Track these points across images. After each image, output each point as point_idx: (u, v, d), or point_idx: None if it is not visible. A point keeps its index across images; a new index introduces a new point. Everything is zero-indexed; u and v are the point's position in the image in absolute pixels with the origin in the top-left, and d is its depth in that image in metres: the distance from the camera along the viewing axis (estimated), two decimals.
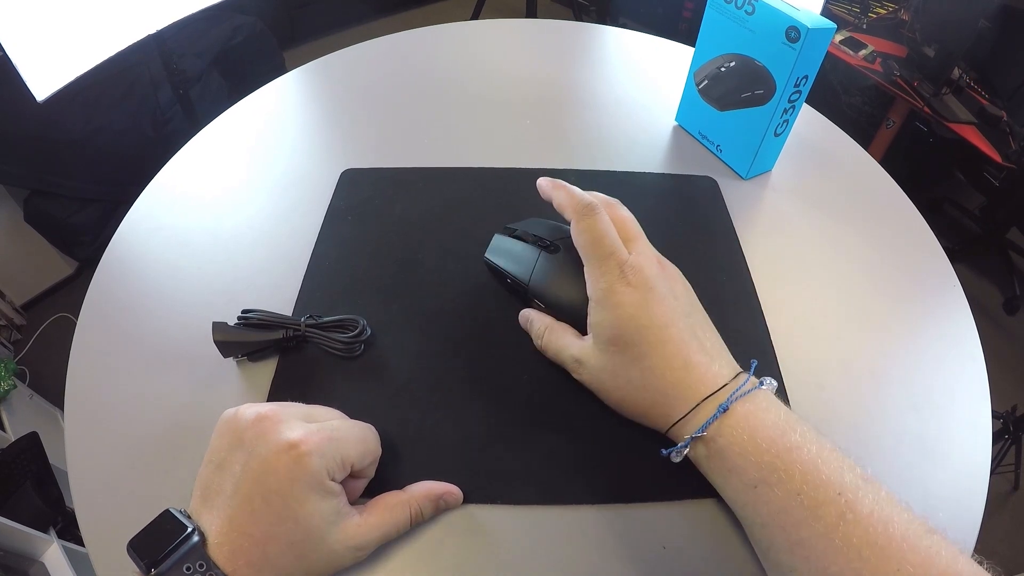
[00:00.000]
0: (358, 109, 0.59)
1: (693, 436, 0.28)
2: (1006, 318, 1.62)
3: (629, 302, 0.30)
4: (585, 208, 0.32)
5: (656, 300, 0.30)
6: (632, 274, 0.30)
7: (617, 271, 0.31)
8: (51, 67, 0.92)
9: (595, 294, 0.31)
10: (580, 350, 0.32)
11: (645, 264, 0.31)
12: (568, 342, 0.33)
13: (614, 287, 0.30)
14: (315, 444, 0.25)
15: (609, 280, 0.31)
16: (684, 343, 0.30)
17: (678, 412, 0.29)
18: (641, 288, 0.30)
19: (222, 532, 0.24)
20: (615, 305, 0.30)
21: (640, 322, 0.30)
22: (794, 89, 0.44)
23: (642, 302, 0.30)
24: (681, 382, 0.29)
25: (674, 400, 0.29)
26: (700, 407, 0.29)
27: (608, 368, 0.31)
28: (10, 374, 1.18)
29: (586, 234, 0.32)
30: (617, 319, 0.30)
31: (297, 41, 2.28)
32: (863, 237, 0.47)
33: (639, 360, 0.30)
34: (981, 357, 0.39)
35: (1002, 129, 1.35)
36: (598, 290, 0.31)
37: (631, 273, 0.31)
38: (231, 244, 0.45)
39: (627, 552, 0.30)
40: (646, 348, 0.30)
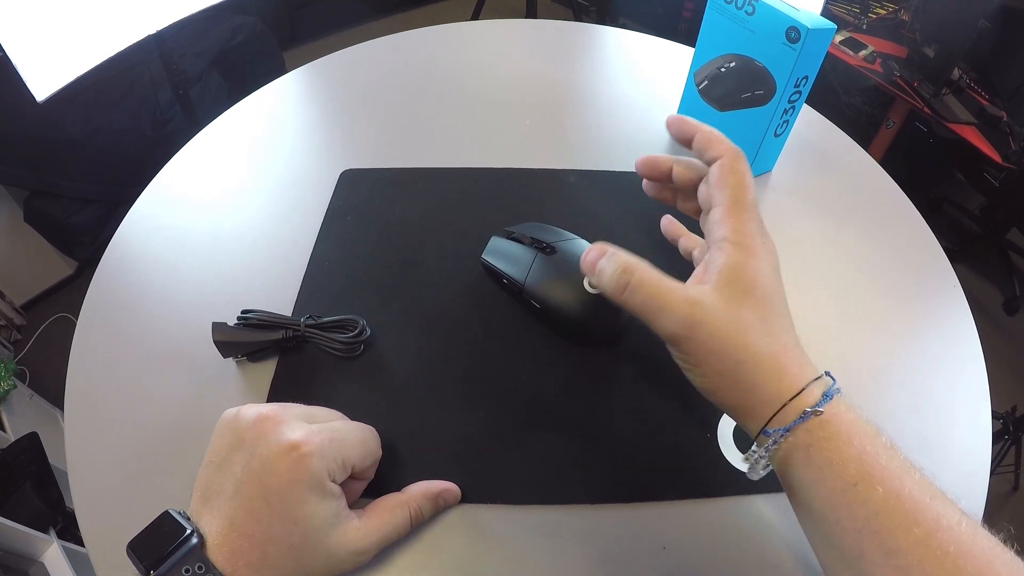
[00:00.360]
0: (358, 109, 0.59)
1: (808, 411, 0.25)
2: (1006, 318, 1.62)
3: (768, 259, 0.28)
4: (740, 153, 0.30)
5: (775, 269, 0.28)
6: (768, 237, 0.29)
7: (760, 224, 0.28)
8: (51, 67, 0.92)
9: (736, 236, 0.28)
10: (701, 292, 0.27)
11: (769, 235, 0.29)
12: (675, 283, 0.27)
13: (762, 240, 0.28)
14: (316, 445, 0.25)
15: (752, 228, 0.28)
16: (791, 326, 0.28)
17: (790, 390, 0.25)
18: (773, 255, 0.28)
19: (222, 533, 0.24)
20: (757, 255, 0.27)
21: (773, 283, 0.27)
22: (794, 89, 0.44)
23: (774, 266, 0.28)
24: (798, 359, 0.26)
25: (789, 377, 0.26)
26: (809, 388, 0.25)
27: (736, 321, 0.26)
28: (10, 374, 1.18)
29: (740, 175, 0.29)
30: (758, 269, 0.27)
31: (297, 41, 2.28)
32: (863, 237, 0.47)
33: (767, 321, 0.26)
34: (981, 357, 0.39)
35: (1002, 129, 1.35)
36: (741, 233, 0.28)
37: (767, 236, 0.29)
38: (231, 244, 0.45)
39: (628, 552, 0.30)
40: (773, 312, 0.27)
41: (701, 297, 0.26)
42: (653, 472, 0.33)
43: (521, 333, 0.38)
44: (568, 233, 0.40)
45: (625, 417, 0.34)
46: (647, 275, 0.27)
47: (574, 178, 0.50)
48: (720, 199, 0.29)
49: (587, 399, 0.35)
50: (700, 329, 0.26)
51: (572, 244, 0.38)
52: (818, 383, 0.26)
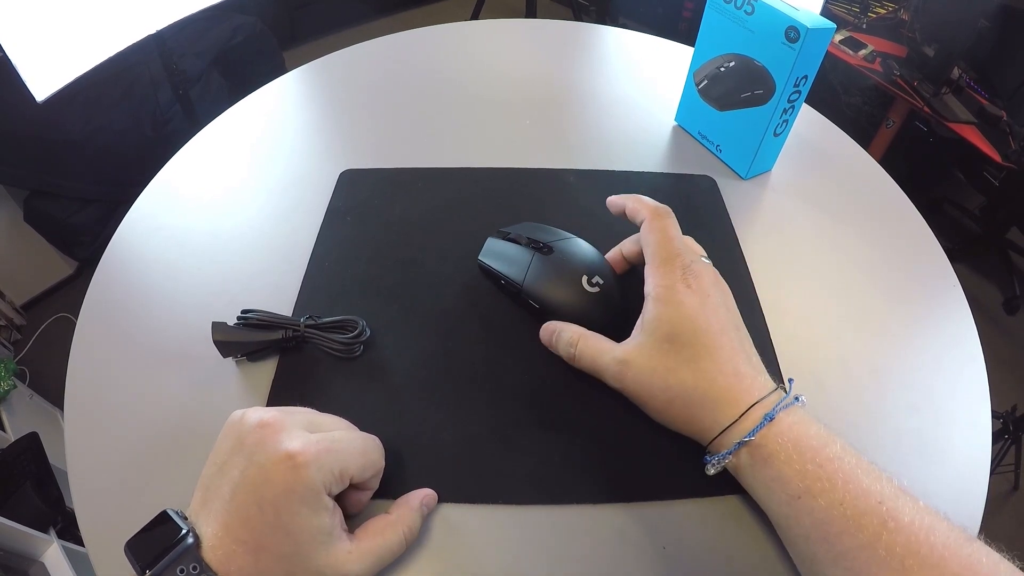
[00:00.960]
0: (358, 109, 0.59)
1: (742, 441, 0.28)
2: (1006, 318, 1.62)
3: (689, 303, 0.31)
4: (661, 210, 0.35)
5: (712, 307, 0.31)
6: (693, 279, 0.31)
7: (680, 272, 0.32)
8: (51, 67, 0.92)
9: (656, 291, 0.32)
10: (625, 351, 0.31)
11: (704, 272, 0.32)
12: (609, 346, 0.33)
13: (676, 286, 0.31)
14: (312, 455, 0.25)
15: (672, 279, 0.31)
16: (735, 351, 0.30)
17: (727, 418, 0.29)
18: (700, 293, 0.31)
19: (216, 536, 0.24)
20: (676, 303, 0.31)
21: (698, 324, 0.30)
22: (794, 89, 0.44)
23: (700, 306, 0.31)
24: (731, 388, 0.29)
25: (723, 406, 0.29)
26: (748, 414, 0.29)
27: (659, 369, 0.30)
28: (10, 374, 1.18)
29: (658, 233, 0.33)
30: (677, 316, 0.30)
31: (297, 41, 2.28)
32: (863, 237, 0.47)
33: (692, 361, 0.30)
34: (981, 357, 0.39)
35: (1002, 129, 1.35)
36: (660, 287, 0.31)
37: (692, 278, 0.31)
38: (231, 244, 0.45)
39: (628, 552, 0.30)
40: (701, 350, 0.30)
41: (626, 355, 0.31)
42: (654, 471, 0.33)
43: (520, 333, 0.38)
44: (564, 232, 0.40)
45: (625, 416, 0.34)
46: (586, 345, 0.33)
47: (574, 178, 0.50)
48: (646, 257, 0.34)
49: (587, 398, 0.35)
50: (628, 381, 0.31)
51: (569, 243, 0.38)
52: (760, 405, 0.29)
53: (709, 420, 0.30)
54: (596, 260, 0.38)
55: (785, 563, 0.30)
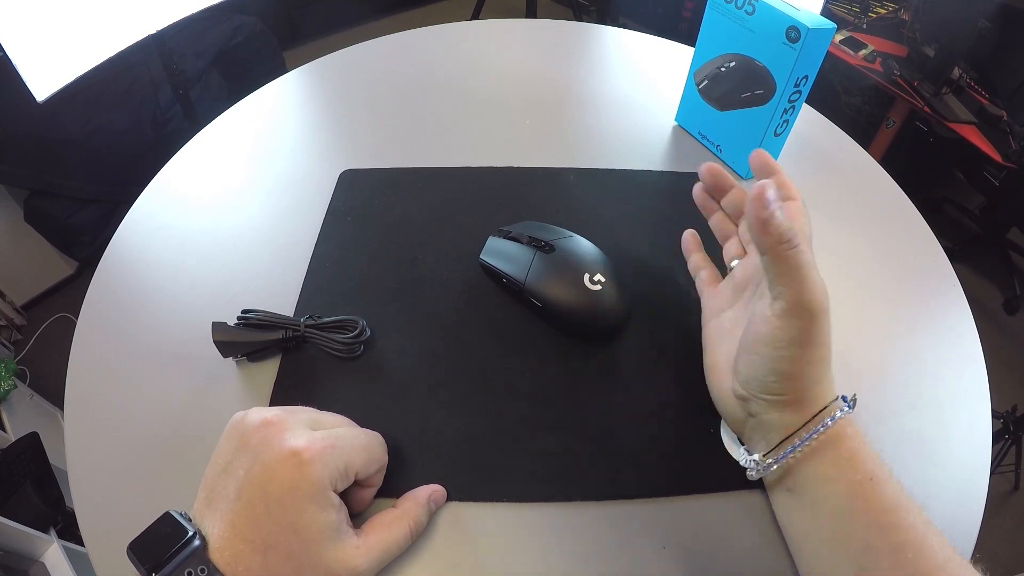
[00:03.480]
0: (358, 109, 0.59)
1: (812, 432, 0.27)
2: (1006, 318, 1.62)
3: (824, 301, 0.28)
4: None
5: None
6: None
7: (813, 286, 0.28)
8: (51, 67, 0.92)
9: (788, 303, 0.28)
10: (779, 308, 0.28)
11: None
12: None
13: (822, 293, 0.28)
14: (317, 452, 0.25)
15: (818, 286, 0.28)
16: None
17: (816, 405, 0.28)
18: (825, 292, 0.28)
19: (223, 536, 0.24)
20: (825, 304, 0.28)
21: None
22: (794, 89, 0.44)
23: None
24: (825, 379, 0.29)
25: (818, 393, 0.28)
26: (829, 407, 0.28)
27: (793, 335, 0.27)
28: (10, 374, 1.18)
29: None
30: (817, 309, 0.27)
31: (297, 41, 2.28)
32: (863, 237, 0.47)
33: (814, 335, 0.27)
34: (981, 357, 0.39)
35: (1002, 129, 1.35)
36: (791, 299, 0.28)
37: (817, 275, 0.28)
38: (231, 244, 0.45)
39: (628, 552, 0.30)
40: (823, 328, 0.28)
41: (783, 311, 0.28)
42: (656, 468, 0.33)
43: (522, 331, 0.38)
44: (565, 231, 0.40)
45: (627, 413, 0.34)
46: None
47: (574, 177, 0.50)
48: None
49: (589, 396, 0.35)
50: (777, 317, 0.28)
51: (570, 242, 0.38)
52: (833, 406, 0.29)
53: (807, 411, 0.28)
54: (598, 258, 0.38)
55: (785, 561, 0.30)
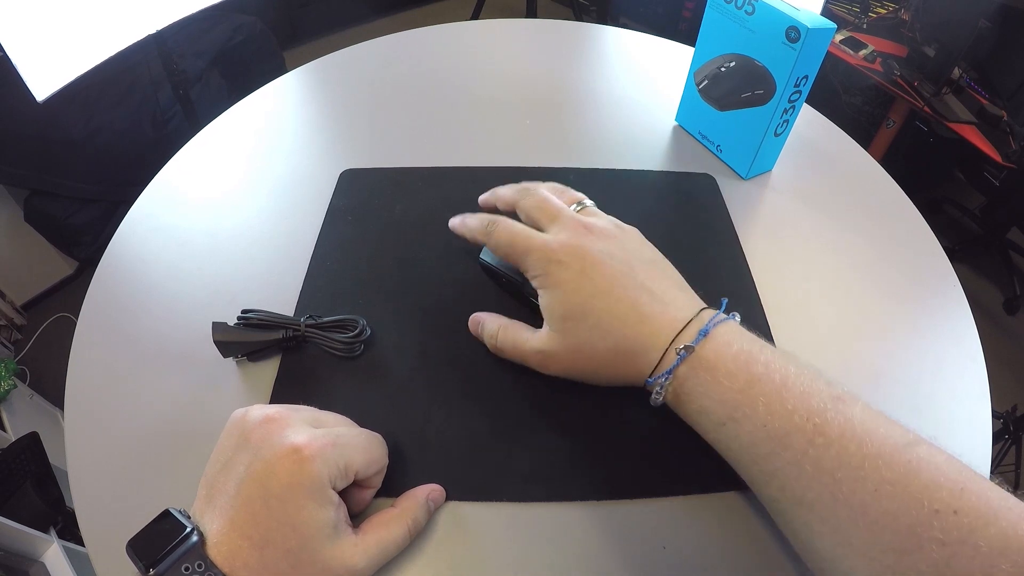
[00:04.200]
0: (358, 109, 0.59)
1: (661, 385, 0.29)
2: (1006, 318, 1.62)
3: (567, 278, 0.31)
4: (487, 228, 0.34)
5: (591, 267, 0.31)
6: (561, 252, 0.31)
7: (544, 256, 0.32)
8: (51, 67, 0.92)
9: (536, 283, 0.32)
10: (540, 341, 0.32)
11: (569, 238, 0.32)
12: (526, 336, 0.33)
13: (548, 270, 0.31)
14: (318, 449, 0.25)
15: (541, 266, 0.32)
16: (632, 299, 0.30)
17: (648, 365, 0.30)
18: (574, 261, 0.31)
19: (222, 532, 0.24)
20: (555, 285, 0.31)
21: (584, 292, 0.30)
22: (794, 89, 0.44)
23: (579, 274, 0.31)
24: (640, 335, 0.30)
25: (641, 355, 0.30)
26: (666, 355, 0.29)
27: (572, 346, 0.31)
28: (10, 374, 1.18)
29: (500, 247, 0.34)
30: (563, 295, 0.31)
31: (297, 41, 2.28)
32: (863, 237, 0.47)
33: (596, 328, 0.30)
34: (981, 357, 0.39)
35: (1002, 129, 1.35)
36: (537, 279, 0.32)
37: (559, 252, 0.31)
38: (231, 244, 0.45)
39: (628, 552, 0.30)
40: (598, 314, 0.30)
41: (541, 345, 0.32)
42: (655, 467, 0.33)
43: None
44: None
45: (626, 412, 0.34)
46: (506, 335, 0.34)
47: (573, 176, 0.50)
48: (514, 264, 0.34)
49: (587, 394, 0.35)
50: (552, 367, 0.32)
51: None
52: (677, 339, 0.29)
53: (635, 372, 0.30)
54: None
55: (784, 560, 0.30)
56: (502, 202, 0.37)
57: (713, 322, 0.29)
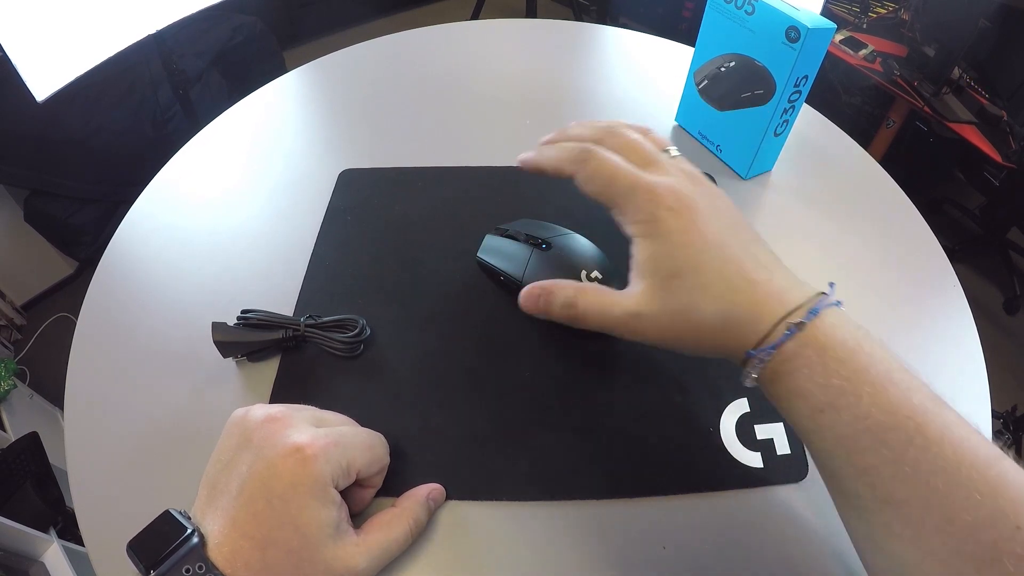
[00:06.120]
0: (357, 109, 0.59)
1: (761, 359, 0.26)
2: (1006, 318, 1.62)
3: (678, 228, 0.27)
4: (580, 155, 0.30)
5: (703, 219, 0.27)
6: (669, 198, 0.27)
7: (650, 199, 0.27)
8: (51, 67, 0.92)
9: (636, 228, 0.28)
10: (635, 301, 0.28)
11: (677, 184, 0.28)
12: (614, 299, 0.29)
13: (656, 215, 0.27)
14: (320, 448, 0.25)
15: (648, 210, 0.27)
16: (741, 261, 0.27)
17: (753, 337, 0.26)
18: (684, 210, 0.27)
19: (223, 532, 0.24)
20: (665, 233, 0.27)
21: (696, 246, 0.27)
22: (794, 89, 0.44)
23: (690, 224, 0.27)
24: (751, 304, 0.26)
25: (748, 326, 0.26)
26: (775, 330, 0.26)
27: (675, 308, 0.27)
28: (10, 374, 1.18)
29: (594, 181, 0.29)
30: (672, 249, 0.27)
31: (297, 41, 2.28)
32: (863, 237, 0.47)
33: (705, 289, 0.27)
34: (981, 357, 0.39)
35: (1002, 129, 1.35)
36: (639, 225, 0.28)
37: (668, 197, 0.27)
38: (231, 244, 0.45)
39: (628, 552, 0.30)
40: (709, 275, 0.27)
41: (637, 307, 0.28)
42: (655, 466, 0.33)
43: (520, 329, 0.38)
44: (561, 228, 0.40)
45: (626, 411, 0.34)
46: (589, 301, 0.29)
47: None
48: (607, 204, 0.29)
49: (587, 394, 0.35)
50: (648, 332, 0.28)
51: (567, 239, 0.39)
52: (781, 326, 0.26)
53: (736, 344, 0.27)
54: (594, 255, 0.38)
55: (785, 560, 0.30)
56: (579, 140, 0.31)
57: (824, 303, 0.26)
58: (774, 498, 0.32)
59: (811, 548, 0.30)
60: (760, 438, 0.34)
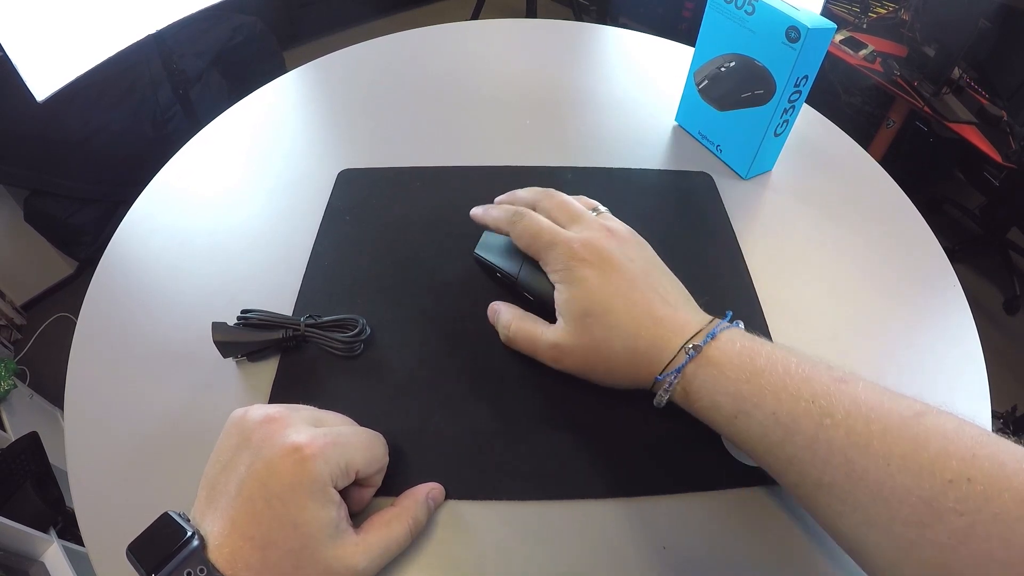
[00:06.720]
0: (357, 109, 0.59)
1: (670, 383, 0.30)
2: (1006, 318, 1.62)
3: (589, 275, 0.32)
4: (512, 217, 0.35)
5: (613, 268, 0.32)
6: (584, 251, 0.32)
7: (568, 253, 0.32)
8: (51, 67, 0.92)
9: (556, 277, 0.33)
10: (556, 335, 0.33)
11: (593, 238, 0.33)
12: (541, 330, 0.34)
13: (570, 266, 0.32)
14: (319, 448, 0.25)
15: (564, 261, 0.32)
16: (648, 301, 0.31)
17: (658, 366, 0.30)
18: (596, 261, 0.32)
19: (223, 534, 0.24)
20: (578, 281, 0.32)
21: (605, 291, 0.31)
22: (794, 89, 0.44)
23: (601, 273, 0.32)
24: (654, 337, 0.30)
25: (653, 355, 0.30)
26: (676, 356, 0.30)
27: (588, 343, 0.31)
28: (10, 374, 1.18)
29: (523, 237, 0.35)
30: (584, 293, 0.32)
31: (297, 41, 2.28)
32: (863, 237, 0.47)
33: (613, 328, 0.31)
34: (981, 357, 0.39)
35: (1002, 129, 1.35)
36: (557, 273, 0.33)
37: (582, 250, 0.32)
38: (231, 244, 0.45)
39: (628, 552, 0.30)
40: (616, 315, 0.31)
41: (556, 338, 0.33)
42: (655, 466, 0.33)
43: None
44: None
45: (625, 410, 0.34)
46: (520, 328, 0.35)
47: (572, 175, 0.50)
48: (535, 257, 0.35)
49: (587, 393, 0.35)
50: (566, 361, 0.33)
51: None
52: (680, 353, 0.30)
53: (645, 373, 0.31)
54: None
55: (785, 559, 0.30)
56: (521, 202, 0.38)
57: (720, 327, 0.30)
58: (774, 497, 0.32)
59: (810, 548, 0.30)
60: None
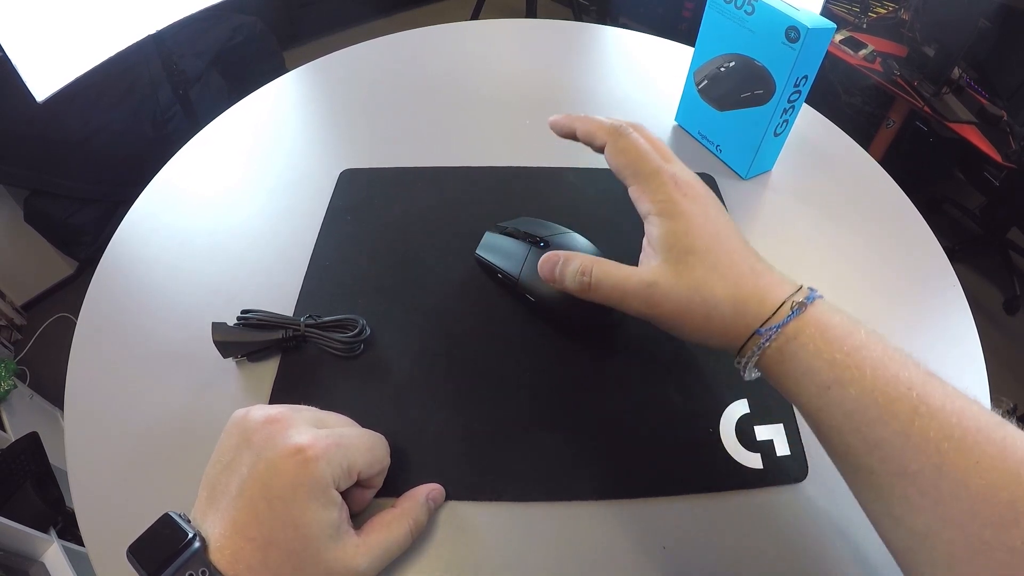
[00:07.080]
0: (357, 109, 0.59)
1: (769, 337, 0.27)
2: (1006, 318, 1.62)
3: (693, 212, 0.29)
4: (617, 130, 0.32)
5: (715, 212, 0.30)
6: (686, 188, 0.30)
7: (672, 183, 0.30)
8: (51, 67, 0.92)
9: (656, 207, 0.30)
10: (651, 272, 0.29)
11: (693, 180, 0.31)
12: (629, 270, 0.30)
13: (675, 198, 0.29)
14: (321, 449, 0.25)
15: (667, 192, 0.30)
16: (746, 252, 0.30)
17: (757, 320, 0.28)
18: (698, 200, 0.30)
19: (224, 535, 0.24)
20: (683, 214, 0.29)
21: (708, 231, 0.29)
22: (794, 89, 0.44)
23: (705, 213, 0.30)
24: (755, 287, 0.28)
25: (753, 307, 0.28)
26: (780, 310, 0.28)
27: (690, 284, 0.28)
28: (10, 374, 1.18)
29: (626, 154, 0.31)
30: (690, 227, 0.29)
31: (297, 41, 2.28)
32: (863, 237, 0.47)
33: (716, 270, 0.28)
34: (981, 357, 0.39)
35: (1002, 129, 1.35)
36: (658, 203, 0.30)
37: (685, 187, 0.30)
38: (231, 244, 0.45)
39: (628, 552, 0.30)
40: (721, 256, 0.29)
41: (653, 276, 0.29)
42: (655, 467, 0.33)
43: (521, 329, 0.38)
44: (560, 227, 0.40)
45: (626, 411, 0.34)
46: (604, 271, 0.30)
47: (573, 176, 0.50)
48: (626, 179, 0.32)
49: (587, 393, 0.35)
50: (662, 304, 0.29)
51: (565, 238, 0.39)
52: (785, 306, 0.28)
53: (743, 324, 0.28)
54: (591, 253, 0.38)
55: (785, 561, 0.30)
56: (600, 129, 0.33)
57: (816, 293, 0.28)
58: (774, 499, 0.32)
59: (811, 549, 0.30)
60: (760, 439, 0.34)
